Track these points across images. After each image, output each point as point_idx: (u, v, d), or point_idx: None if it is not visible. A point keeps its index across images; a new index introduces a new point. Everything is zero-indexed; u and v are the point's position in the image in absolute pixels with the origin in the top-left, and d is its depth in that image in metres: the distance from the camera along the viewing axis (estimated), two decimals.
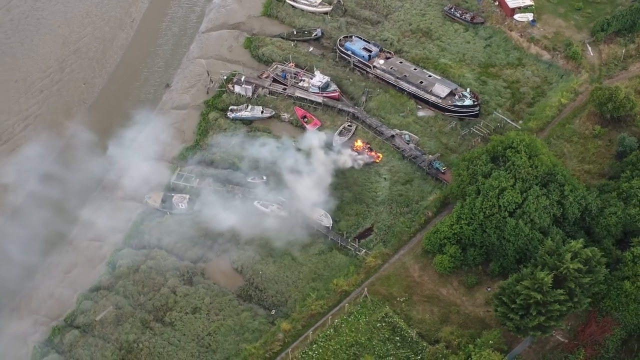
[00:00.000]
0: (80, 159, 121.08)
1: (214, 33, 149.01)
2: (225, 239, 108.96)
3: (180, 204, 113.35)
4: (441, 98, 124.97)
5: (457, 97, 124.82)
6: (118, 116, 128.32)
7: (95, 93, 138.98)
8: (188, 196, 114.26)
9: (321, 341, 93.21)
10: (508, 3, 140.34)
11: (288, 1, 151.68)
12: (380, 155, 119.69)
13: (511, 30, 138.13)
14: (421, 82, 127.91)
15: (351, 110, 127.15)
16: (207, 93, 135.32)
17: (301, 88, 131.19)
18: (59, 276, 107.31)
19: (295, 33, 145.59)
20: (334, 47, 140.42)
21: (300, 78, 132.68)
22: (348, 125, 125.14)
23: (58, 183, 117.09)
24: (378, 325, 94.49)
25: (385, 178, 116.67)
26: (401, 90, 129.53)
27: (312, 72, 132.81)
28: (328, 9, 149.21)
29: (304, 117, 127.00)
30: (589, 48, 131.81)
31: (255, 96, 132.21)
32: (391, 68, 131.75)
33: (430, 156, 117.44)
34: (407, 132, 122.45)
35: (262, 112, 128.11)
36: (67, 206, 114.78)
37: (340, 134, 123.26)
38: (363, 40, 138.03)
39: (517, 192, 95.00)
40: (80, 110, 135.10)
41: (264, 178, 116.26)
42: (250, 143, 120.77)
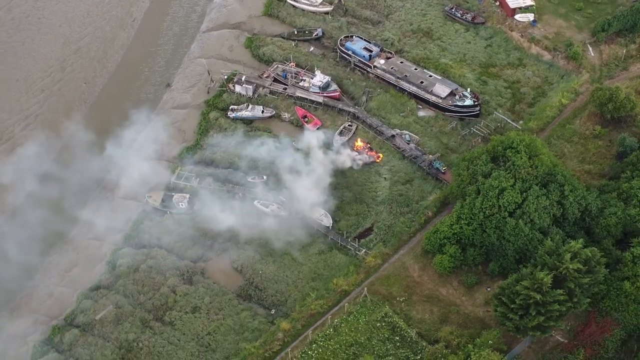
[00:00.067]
0: (80, 159, 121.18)
1: (215, 33, 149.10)
2: (225, 239, 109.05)
3: (180, 204, 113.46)
4: (442, 98, 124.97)
5: (458, 97, 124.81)
6: (119, 116, 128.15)
7: (96, 92, 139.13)
8: (188, 195, 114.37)
9: (321, 341, 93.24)
10: (509, 3, 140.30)
11: (289, 1, 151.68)
12: (380, 155, 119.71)
13: (512, 30, 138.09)
14: (422, 82, 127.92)
15: (352, 110, 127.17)
16: (208, 92, 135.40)
17: (302, 88, 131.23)
18: (59, 275, 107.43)
19: (296, 33, 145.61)
20: (335, 47, 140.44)
21: (300, 78, 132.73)
22: (348, 125, 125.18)
23: (58, 182, 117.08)
24: (378, 325, 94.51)
25: (385, 178, 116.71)
26: (402, 90, 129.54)
27: (313, 72, 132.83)
28: (329, 9, 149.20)
29: (305, 117, 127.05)
30: (590, 48, 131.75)
31: (255, 96, 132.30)
32: (392, 68, 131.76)
33: (430, 156, 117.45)
34: (408, 132, 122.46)
35: (263, 112, 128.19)
36: (68, 205, 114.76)
37: (340, 134, 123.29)
38: (364, 40, 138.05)
39: (517, 192, 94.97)
40: (81, 109, 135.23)
41: (264, 178, 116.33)
42: (250, 143, 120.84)
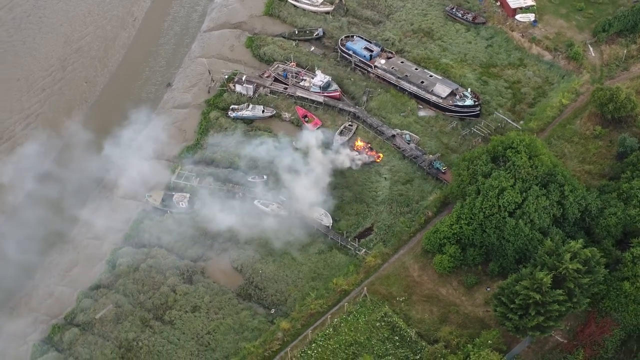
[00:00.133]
0: (81, 158, 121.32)
1: (216, 32, 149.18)
2: (225, 238, 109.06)
3: (180, 203, 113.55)
4: (442, 98, 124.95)
5: (458, 97, 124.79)
6: (119, 115, 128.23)
7: (96, 92, 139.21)
8: (188, 195, 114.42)
9: (320, 340, 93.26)
10: (510, 3, 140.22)
11: (290, 1, 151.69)
12: (380, 154, 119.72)
13: (513, 30, 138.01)
14: (422, 82, 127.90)
15: (352, 109, 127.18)
16: (209, 92, 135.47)
17: (302, 87, 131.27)
18: (59, 274, 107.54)
19: (296, 32, 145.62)
20: (336, 47, 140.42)
21: (301, 77, 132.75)
22: (349, 124, 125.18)
23: (58, 182, 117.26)
24: (377, 324, 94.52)
25: (385, 178, 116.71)
26: (402, 90, 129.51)
27: (314, 72, 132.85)
28: (330, 9, 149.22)
29: (305, 117, 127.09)
30: (591, 48, 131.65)
31: (256, 95, 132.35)
32: (392, 68, 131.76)
33: (430, 156, 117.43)
34: (408, 132, 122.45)
35: (263, 112, 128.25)
36: (68, 205, 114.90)
37: (341, 134, 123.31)
38: (364, 40, 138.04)
39: (517, 192, 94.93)
40: (81, 109, 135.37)
41: (265, 177, 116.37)
42: (250, 142, 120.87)
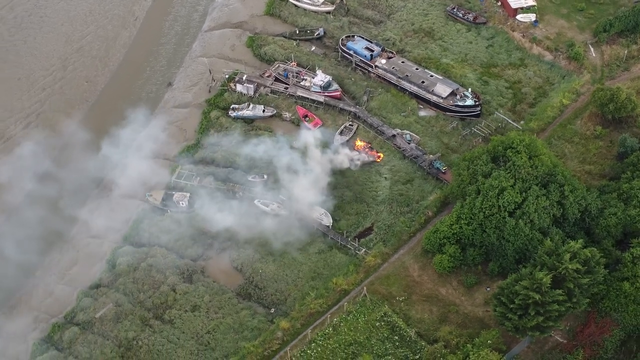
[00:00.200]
0: (81, 157, 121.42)
1: (217, 32, 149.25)
2: (225, 238, 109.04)
3: (181, 202, 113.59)
4: (443, 98, 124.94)
5: (459, 97, 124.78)
6: (120, 115, 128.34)
7: (97, 91, 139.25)
8: (189, 194, 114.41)
9: (320, 340, 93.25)
10: (510, 3, 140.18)
11: (291, 0, 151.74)
12: (381, 154, 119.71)
13: (513, 30, 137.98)
14: (423, 82, 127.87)
15: (352, 109, 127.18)
16: (209, 92, 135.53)
17: (303, 87, 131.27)
18: (59, 273, 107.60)
19: (297, 32, 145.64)
20: (336, 47, 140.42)
21: (302, 77, 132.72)
22: (349, 124, 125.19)
23: (59, 181, 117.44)
24: (377, 324, 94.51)
25: (385, 177, 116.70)
26: (403, 90, 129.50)
27: (314, 72, 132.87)
28: (331, 9, 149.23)
29: (306, 116, 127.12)
30: (591, 49, 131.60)
31: (257, 95, 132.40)
32: (393, 68, 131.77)
33: (431, 156, 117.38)
34: (409, 132, 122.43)
35: (264, 111, 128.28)
36: (68, 204, 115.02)
37: (341, 133, 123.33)
38: (365, 39, 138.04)
39: (517, 192, 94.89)
40: (82, 108, 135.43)
41: (265, 177, 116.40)
42: (251, 142, 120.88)
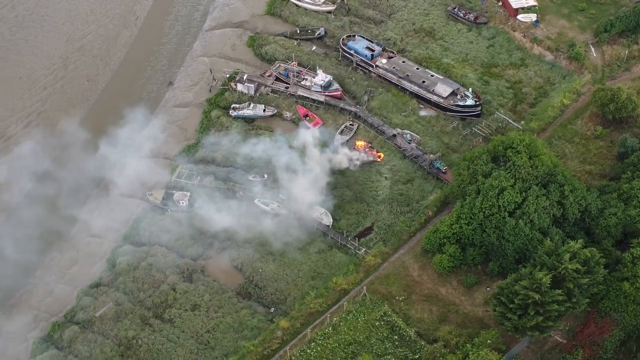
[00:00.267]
0: (81, 157, 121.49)
1: (218, 31, 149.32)
2: (225, 237, 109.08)
3: (181, 202, 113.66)
4: (443, 98, 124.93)
5: (459, 97, 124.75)
6: (120, 114, 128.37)
7: (98, 90, 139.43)
8: (189, 194, 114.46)
9: (319, 339, 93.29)
10: (511, 3, 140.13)
11: (292, 0, 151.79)
12: (381, 154, 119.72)
13: (514, 30, 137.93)
14: (423, 82, 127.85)
15: (353, 109, 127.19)
16: (210, 91, 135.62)
17: (303, 87, 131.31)
18: (60, 272, 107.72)
19: (298, 32, 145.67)
20: (337, 46, 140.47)
21: (302, 77, 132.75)
22: (350, 124, 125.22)
23: (59, 180, 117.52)
24: (377, 324, 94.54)
25: (386, 177, 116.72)
26: (403, 89, 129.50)
27: (315, 71, 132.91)
28: (331, 8, 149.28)
29: (306, 116, 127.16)
30: (592, 49, 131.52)
31: (257, 94, 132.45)
32: (394, 67, 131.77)
33: (431, 156, 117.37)
34: (409, 132, 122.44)
35: (264, 111, 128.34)
36: (68, 203, 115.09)
37: (341, 133, 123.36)
38: (366, 39, 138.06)
39: (517, 192, 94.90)
40: (83, 107, 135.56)
41: (265, 176, 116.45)
42: (251, 141, 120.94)
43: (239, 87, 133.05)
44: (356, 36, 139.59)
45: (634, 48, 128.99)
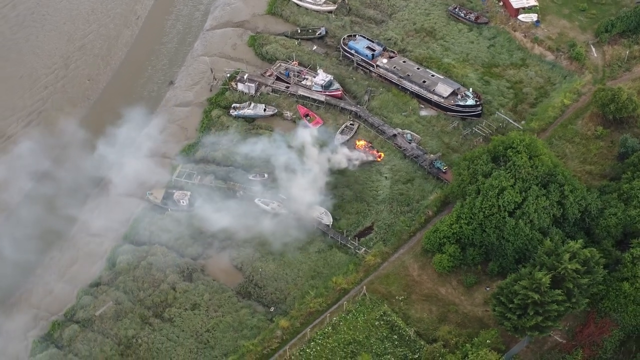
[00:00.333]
0: (82, 156, 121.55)
1: (218, 31, 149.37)
2: (225, 236, 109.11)
3: (181, 201, 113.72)
4: (444, 97, 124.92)
5: (460, 97, 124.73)
6: (121, 113, 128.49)
7: (99, 90, 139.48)
8: (189, 193, 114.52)
9: (319, 339, 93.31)
10: (512, 3, 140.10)
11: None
12: (381, 154, 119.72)
13: (515, 30, 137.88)
14: (424, 82, 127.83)
15: (354, 109, 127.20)
16: (211, 91, 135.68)
17: (304, 86, 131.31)
18: (60, 271, 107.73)
19: (299, 31, 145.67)
20: (338, 46, 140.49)
21: (303, 76, 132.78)
22: (350, 124, 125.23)
23: (60, 179, 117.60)
24: (376, 323, 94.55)
25: (386, 177, 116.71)
26: (404, 89, 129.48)
27: (316, 71, 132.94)
28: (332, 8, 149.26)
29: (307, 116, 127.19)
30: (593, 49, 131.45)
31: (258, 94, 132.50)
32: (394, 67, 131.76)
33: (431, 155, 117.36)
34: (409, 131, 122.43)
35: (265, 110, 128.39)
36: (68, 202, 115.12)
37: (342, 133, 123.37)
38: (367, 39, 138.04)
39: (517, 192, 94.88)
40: (84, 106, 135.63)
41: (266, 176, 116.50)
42: (251, 141, 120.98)
43: (240, 87, 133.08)
44: (357, 36, 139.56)
45: (635, 48, 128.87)
